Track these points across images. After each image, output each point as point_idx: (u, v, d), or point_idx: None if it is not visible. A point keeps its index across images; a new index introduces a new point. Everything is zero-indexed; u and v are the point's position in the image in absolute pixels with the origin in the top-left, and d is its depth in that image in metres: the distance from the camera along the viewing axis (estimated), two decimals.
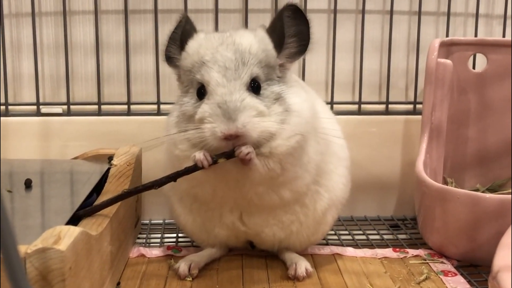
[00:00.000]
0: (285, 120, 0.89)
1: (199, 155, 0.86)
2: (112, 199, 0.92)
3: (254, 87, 0.89)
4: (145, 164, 1.21)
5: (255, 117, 0.86)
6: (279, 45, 0.94)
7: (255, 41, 0.92)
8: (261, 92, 0.90)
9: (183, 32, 0.96)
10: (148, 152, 1.22)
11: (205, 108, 0.87)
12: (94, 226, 0.85)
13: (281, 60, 0.94)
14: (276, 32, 0.94)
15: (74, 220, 0.86)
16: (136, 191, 0.95)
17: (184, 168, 0.89)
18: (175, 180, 0.90)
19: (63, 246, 0.67)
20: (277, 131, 0.88)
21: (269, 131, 0.87)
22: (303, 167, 0.94)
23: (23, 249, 0.66)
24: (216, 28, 1.30)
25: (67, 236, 0.70)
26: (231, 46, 0.90)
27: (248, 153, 0.85)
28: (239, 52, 0.89)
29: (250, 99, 0.87)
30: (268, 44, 0.93)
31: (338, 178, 1.04)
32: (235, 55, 0.89)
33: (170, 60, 0.98)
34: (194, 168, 0.87)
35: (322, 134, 0.97)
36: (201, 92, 0.90)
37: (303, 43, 0.94)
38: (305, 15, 0.93)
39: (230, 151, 0.86)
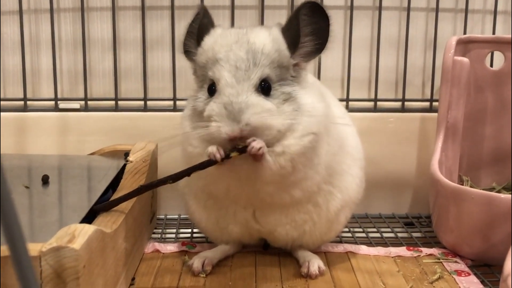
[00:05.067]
0: (295, 119, 0.89)
1: (212, 149, 0.87)
2: (128, 194, 0.93)
3: (264, 88, 0.88)
4: (160, 160, 1.22)
5: (261, 114, 0.85)
6: (294, 44, 0.92)
7: (268, 41, 0.90)
8: (272, 93, 0.89)
9: (200, 26, 0.95)
10: (163, 148, 1.23)
11: (213, 106, 0.87)
12: (109, 223, 0.86)
13: (296, 60, 0.93)
14: (291, 31, 0.92)
15: (90, 216, 0.87)
16: (151, 185, 0.95)
17: (198, 163, 0.89)
18: (189, 175, 0.90)
19: (77, 245, 0.68)
20: (286, 129, 0.88)
21: (275, 128, 0.87)
22: (314, 168, 0.93)
23: (38, 247, 0.67)
24: (232, 25, 1.30)
25: (81, 234, 0.71)
26: (244, 45, 0.89)
27: (259, 148, 0.85)
28: (251, 52, 0.89)
29: (255, 98, 0.86)
30: (281, 44, 0.91)
31: (351, 178, 1.03)
32: (247, 55, 0.88)
33: (187, 53, 0.98)
34: (208, 162, 0.88)
35: (335, 135, 0.97)
36: (212, 89, 0.90)
37: (320, 42, 0.92)
38: (325, 11, 0.91)
39: (243, 146, 0.86)
